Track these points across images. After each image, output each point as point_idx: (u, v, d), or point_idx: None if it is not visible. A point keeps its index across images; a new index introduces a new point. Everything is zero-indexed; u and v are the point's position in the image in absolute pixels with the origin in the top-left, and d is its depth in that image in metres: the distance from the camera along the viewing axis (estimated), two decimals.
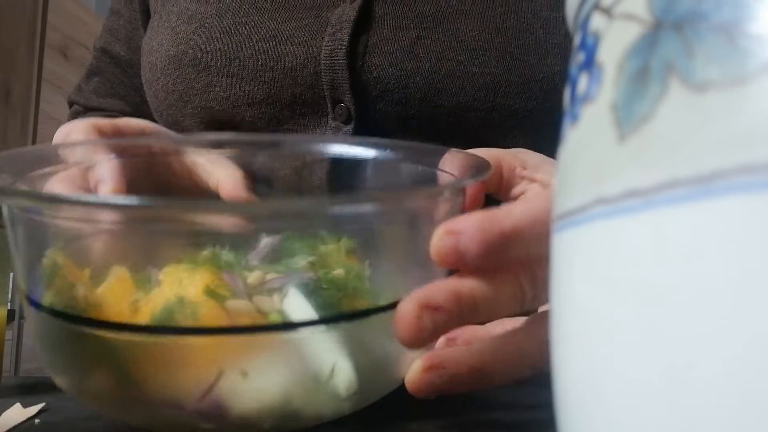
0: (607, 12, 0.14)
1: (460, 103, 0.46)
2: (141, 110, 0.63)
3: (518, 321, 0.30)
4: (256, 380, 0.24)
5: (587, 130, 0.14)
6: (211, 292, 0.23)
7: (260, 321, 0.24)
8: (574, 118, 0.15)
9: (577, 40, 0.16)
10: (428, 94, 0.46)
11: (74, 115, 0.65)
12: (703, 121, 0.11)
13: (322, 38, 0.47)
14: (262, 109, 0.48)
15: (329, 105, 0.47)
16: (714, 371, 0.11)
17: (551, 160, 0.35)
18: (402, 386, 0.28)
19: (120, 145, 0.33)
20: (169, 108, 0.53)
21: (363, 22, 0.47)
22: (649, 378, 0.12)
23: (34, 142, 2.43)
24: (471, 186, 0.30)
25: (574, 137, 0.15)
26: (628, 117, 0.13)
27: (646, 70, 0.12)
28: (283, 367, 0.24)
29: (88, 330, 0.24)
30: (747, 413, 0.10)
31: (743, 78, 0.11)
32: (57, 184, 0.30)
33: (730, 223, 0.11)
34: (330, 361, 0.25)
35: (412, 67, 0.46)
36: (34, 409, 0.31)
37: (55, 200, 0.24)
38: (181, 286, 0.24)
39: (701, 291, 0.11)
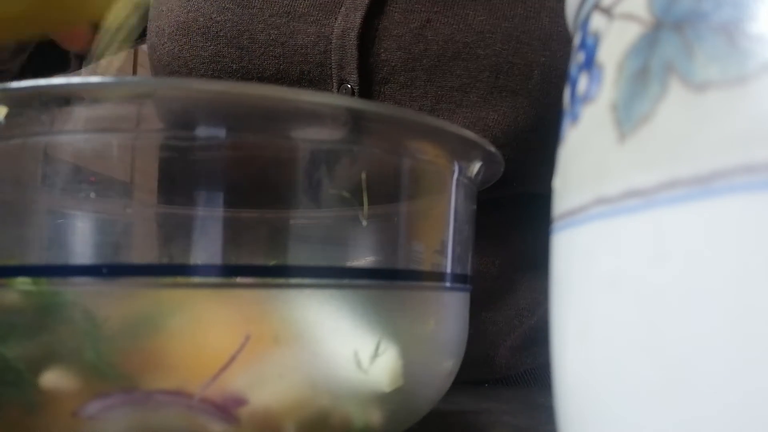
0: (607, 12, 0.14)
1: (463, 83, 0.47)
2: None
3: None
4: (287, 352, 0.21)
5: (587, 130, 0.14)
6: None
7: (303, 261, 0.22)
8: (574, 117, 0.15)
9: (577, 40, 0.16)
10: (433, 75, 0.47)
11: None
12: (703, 121, 0.11)
13: (335, 18, 0.48)
14: (270, 83, 0.49)
15: (335, 84, 0.48)
16: (714, 370, 0.11)
17: None
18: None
19: None
20: (172, 75, 0.53)
21: (376, 4, 0.48)
22: (649, 377, 0.12)
23: None
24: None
25: (574, 137, 0.15)
26: (628, 117, 0.13)
27: (646, 70, 0.12)
28: (322, 329, 0.22)
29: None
30: (747, 412, 0.10)
31: (743, 78, 0.11)
32: None
33: (730, 223, 0.11)
34: (376, 333, 0.23)
35: (420, 50, 0.47)
36: None
37: None
38: None
39: (701, 290, 0.11)
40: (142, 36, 0.60)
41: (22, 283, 0.21)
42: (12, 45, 0.51)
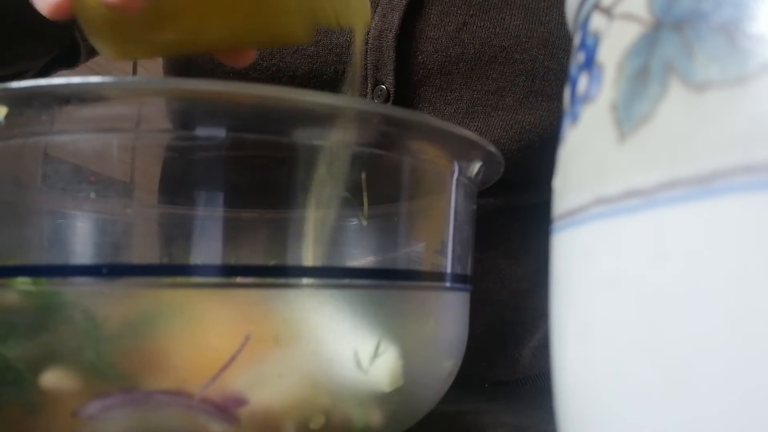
0: (607, 12, 0.14)
1: (499, 87, 0.47)
2: None
3: None
4: (287, 352, 0.21)
5: (587, 130, 0.14)
6: None
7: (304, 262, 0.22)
8: (574, 118, 0.15)
9: (577, 40, 0.16)
10: (469, 79, 0.47)
11: None
12: (703, 121, 0.11)
13: (372, 18, 0.47)
14: (301, 83, 0.48)
15: (369, 85, 0.47)
16: (714, 370, 0.11)
17: None
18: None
19: None
20: (193, 70, 0.51)
21: (413, 5, 0.47)
22: (649, 377, 0.12)
23: None
24: None
25: (574, 137, 0.15)
26: (628, 117, 0.13)
27: (646, 70, 0.12)
28: (322, 330, 0.22)
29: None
30: (747, 412, 0.10)
31: (743, 78, 0.11)
32: None
33: (730, 223, 0.11)
34: (376, 333, 0.23)
35: (457, 53, 0.46)
36: None
37: None
38: None
39: (701, 290, 0.11)
40: None
41: (22, 283, 0.21)
42: (45, 43, 0.50)
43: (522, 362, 0.54)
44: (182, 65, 0.52)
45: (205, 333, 0.21)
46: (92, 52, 0.61)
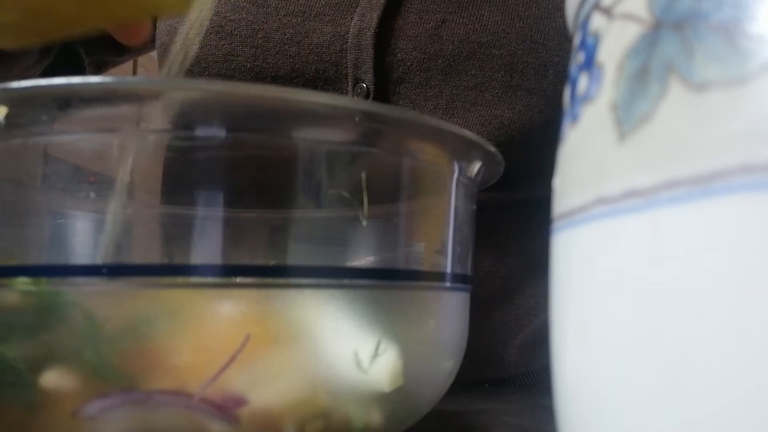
0: (607, 12, 0.14)
1: (478, 83, 0.47)
2: None
3: None
4: (287, 352, 0.21)
5: (587, 130, 0.14)
6: None
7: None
8: (574, 117, 0.15)
9: (577, 40, 0.16)
10: (448, 75, 0.47)
11: None
12: (703, 121, 0.11)
13: (351, 18, 0.48)
14: (284, 83, 0.49)
15: (350, 83, 0.48)
16: (713, 370, 0.11)
17: None
18: None
19: None
20: (182, 73, 0.52)
21: (391, 4, 0.48)
22: (649, 378, 0.12)
23: None
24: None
25: (574, 137, 0.15)
26: (628, 117, 0.13)
27: (646, 70, 0.12)
28: (322, 330, 0.22)
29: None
30: (746, 412, 0.10)
31: (743, 78, 0.11)
32: None
33: (730, 223, 0.11)
34: (376, 333, 0.23)
35: (435, 50, 0.47)
36: None
37: None
38: None
39: (700, 290, 0.11)
40: None
41: (22, 283, 0.21)
42: (37, 50, 0.50)
43: (508, 360, 0.54)
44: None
45: (205, 333, 0.21)
46: (101, 68, 0.61)
